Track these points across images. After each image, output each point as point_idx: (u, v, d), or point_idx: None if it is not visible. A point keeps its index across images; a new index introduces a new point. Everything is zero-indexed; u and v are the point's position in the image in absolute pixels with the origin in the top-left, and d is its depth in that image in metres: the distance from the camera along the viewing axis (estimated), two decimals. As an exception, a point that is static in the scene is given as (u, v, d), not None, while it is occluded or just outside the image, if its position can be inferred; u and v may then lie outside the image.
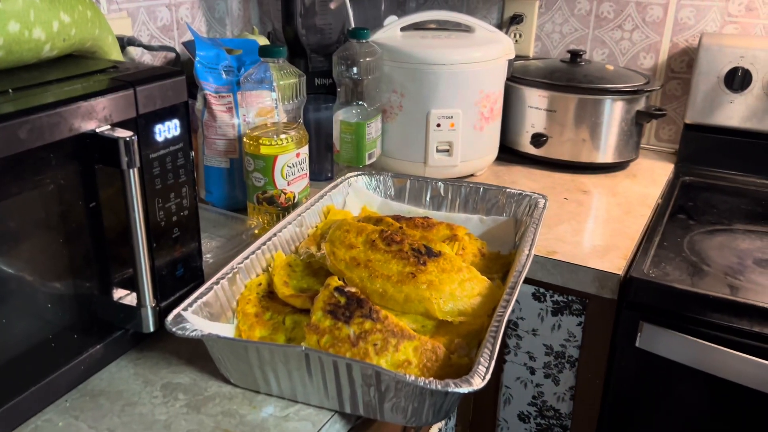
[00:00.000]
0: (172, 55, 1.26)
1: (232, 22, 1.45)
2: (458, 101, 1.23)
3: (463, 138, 1.26)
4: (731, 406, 0.96)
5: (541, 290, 1.07)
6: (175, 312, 0.70)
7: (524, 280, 0.80)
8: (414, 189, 1.08)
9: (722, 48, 1.33)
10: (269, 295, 0.83)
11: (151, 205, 0.72)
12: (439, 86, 1.22)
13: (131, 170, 0.66)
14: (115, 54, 0.83)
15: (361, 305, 0.73)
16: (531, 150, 1.39)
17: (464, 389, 0.60)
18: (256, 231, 1.03)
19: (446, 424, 1.14)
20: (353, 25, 1.33)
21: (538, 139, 1.37)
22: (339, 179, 1.07)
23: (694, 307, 0.95)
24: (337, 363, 0.64)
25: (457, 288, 0.79)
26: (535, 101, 1.36)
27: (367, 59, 1.18)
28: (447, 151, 1.26)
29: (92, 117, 0.64)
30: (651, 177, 1.37)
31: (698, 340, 0.94)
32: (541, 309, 1.08)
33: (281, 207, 1.03)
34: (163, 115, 0.72)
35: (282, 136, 1.01)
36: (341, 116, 1.20)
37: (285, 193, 1.03)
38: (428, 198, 1.07)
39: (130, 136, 0.65)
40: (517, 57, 1.40)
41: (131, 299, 0.73)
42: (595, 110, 1.33)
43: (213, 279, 0.78)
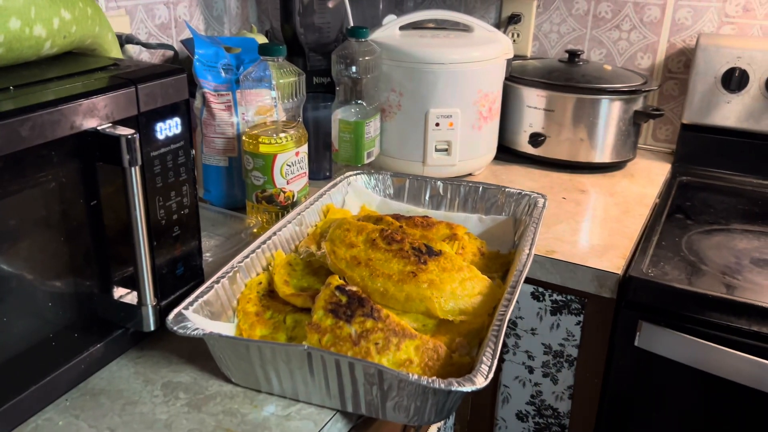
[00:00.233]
0: (171, 53, 1.26)
1: (230, 21, 1.45)
2: (457, 100, 1.23)
3: (462, 137, 1.26)
4: (729, 405, 0.96)
5: (540, 289, 1.07)
6: (176, 311, 0.70)
7: (523, 280, 0.80)
8: (413, 188, 1.08)
9: (719, 48, 1.34)
10: (270, 294, 0.83)
11: (152, 204, 0.72)
12: (438, 85, 1.22)
13: (133, 168, 0.65)
14: (115, 52, 0.83)
15: (363, 304, 0.73)
16: (529, 149, 1.39)
17: (467, 388, 0.60)
18: (255, 230, 1.03)
19: (445, 424, 1.14)
20: (352, 24, 1.33)
21: (536, 139, 1.37)
22: (338, 178, 1.07)
23: (693, 307, 0.95)
24: (340, 362, 0.64)
25: (458, 287, 0.79)
26: (533, 101, 1.36)
27: (366, 58, 1.18)
28: (446, 151, 1.26)
29: (94, 115, 0.64)
30: (648, 177, 1.38)
31: (697, 339, 0.94)
32: (540, 308, 1.08)
33: (280, 206, 1.03)
34: (164, 113, 0.71)
35: (281, 135, 1.00)
36: (340, 115, 1.20)
37: (284, 192, 1.03)
38: (427, 197, 1.07)
39: (132, 134, 0.64)
40: (515, 57, 1.40)
41: (132, 298, 0.72)
42: (593, 110, 1.33)
43: (213, 278, 0.77)
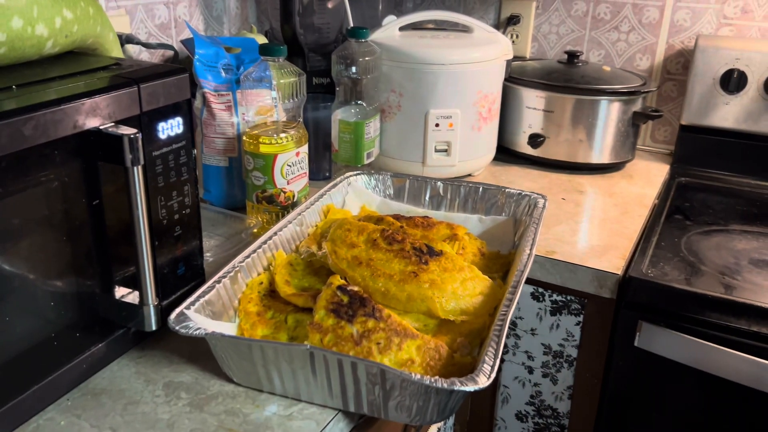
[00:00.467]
0: (171, 53, 1.26)
1: (230, 21, 1.45)
2: (457, 101, 1.23)
3: (462, 138, 1.26)
4: (729, 405, 0.96)
5: (540, 290, 1.08)
6: (178, 310, 0.70)
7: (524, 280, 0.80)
8: (413, 188, 1.08)
9: (718, 50, 1.34)
10: (271, 294, 0.83)
11: (154, 203, 0.72)
12: (438, 86, 1.22)
13: (135, 168, 0.65)
14: (116, 51, 0.83)
15: (364, 304, 0.73)
16: (528, 150, 1.40)
17: (470, 388, 0.60)
18: (255, 230, 1.03)
19: (445, 424, 1.14)
20: (352, 25, 1.33)
21: (536, 140, 1.37)
22: (338, 178, 1.07)
23: (692, 307, 0.95)
24: (342, 361, 0.64)
25: (459, 287, 0.79)
26: (533, 102, 1.36)
27: (366, 59, 1.18)
28: (445, 151, 1.26)
29: (96, 114, 0.64)
30: (647, 178, 1.38)
31: (696, 340, 0.95)
32: (540, 308, 1.08)
33: (281, 206, 1.03)
34: (166, 113, 0.71)
35: (282, 135, 1.00)
36: (340, 115, 1.20)
37: (284, 192, 1.03)
38: (427, 197, 1.07)
39: (135, 134, 0.64)
40: (514, 58, 1.40)
41: (133, 297, 0.72)
42: (592, 111, 1.33)
43: (215, 277, 0.77)
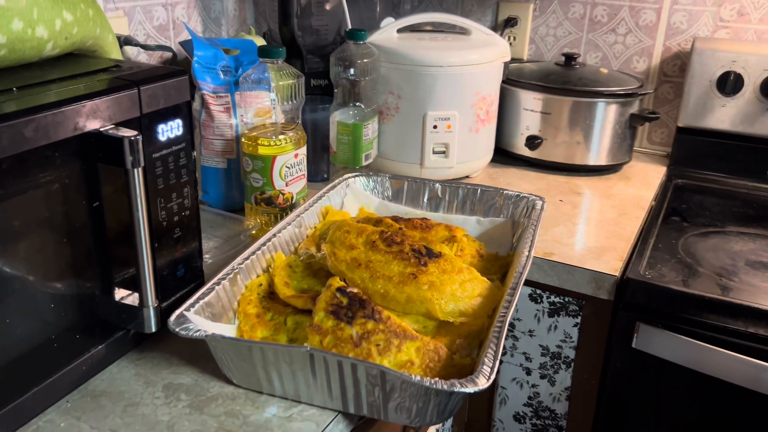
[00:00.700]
0: (169, 55, 1.26)
1: (228, 22, 1.45)
2: (455, 103, 1.24)
3: (460, 140, 1.26)
4: (726, 406, 0.97)
5: (538, 291, 1.08)
6: (178, 312, 0.70)
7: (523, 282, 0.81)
8: (411, 190, 1.08)
9: (714, 52, 1.35)
10: (270, 296, 0.83)
11: (153, 205, 0.72)
12: (436, 88, 1.22)
13: (135, 170, 0.65)
14: (116, 53, 0.83)
15: (364, 306, 0.74)
16: (525, 152, 1.40)
17: (470, 389, 0.60)
18: (254, 232, 1.03)
19: (443, 426, 1.14)
20: (350, 26, 1.33)
21: (533, 142, 1.38)
22: (337, 180, 1.07)
23: (690, 308, 0.96)
24: (342, 363, 0.64)
25: (458, 289, 0.79)
26: (530, 104, 1.37)
27: (364, 60, 1.18)
28: (443, 153, 1.27)
29: (97, 116, 0.64)
30: (644, 179, 1.39)
31: (693, 341, 0.95)
32: (538, 310, 1.09)
33: (279, 207, 1.03)
34: (166, 115, 0.72)
35: (280, 137, 1.01)
36: (338, 117, 1.20)
37: (283, 194, 1.03)
38: (426, 199, 1.07)
39: (135, 135, 0.64)
40: (512, 60, 1.41)
41: (133, 299, 0.72)
42: (589, 113, 1.34)
43: (214, 279, 0.77)
